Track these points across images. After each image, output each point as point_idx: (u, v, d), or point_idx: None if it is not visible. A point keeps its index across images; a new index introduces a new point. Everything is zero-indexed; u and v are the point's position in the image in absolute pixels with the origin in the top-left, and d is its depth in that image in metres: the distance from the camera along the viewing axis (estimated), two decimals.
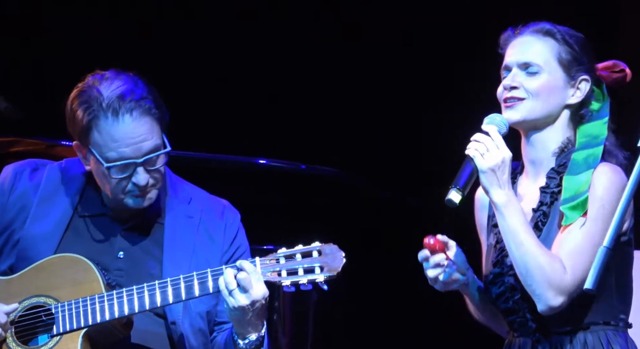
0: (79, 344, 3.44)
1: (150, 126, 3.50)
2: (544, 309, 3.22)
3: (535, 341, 3.32)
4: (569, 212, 3.23)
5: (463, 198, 3.23)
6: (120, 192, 3.51)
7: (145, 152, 3.49)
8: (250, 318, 3.42)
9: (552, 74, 3.32)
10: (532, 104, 3.31)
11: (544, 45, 3.33)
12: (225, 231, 3.64)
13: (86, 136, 3.49)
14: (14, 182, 3.63)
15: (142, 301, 3.42)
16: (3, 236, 3.59)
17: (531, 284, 3.22)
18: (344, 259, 3.43)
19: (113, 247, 3.59)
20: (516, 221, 3.23)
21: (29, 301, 3.51)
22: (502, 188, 3.24)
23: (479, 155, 3.24)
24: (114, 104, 3.48)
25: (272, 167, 5.19)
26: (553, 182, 3.32)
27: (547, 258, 3.20)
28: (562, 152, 3.34)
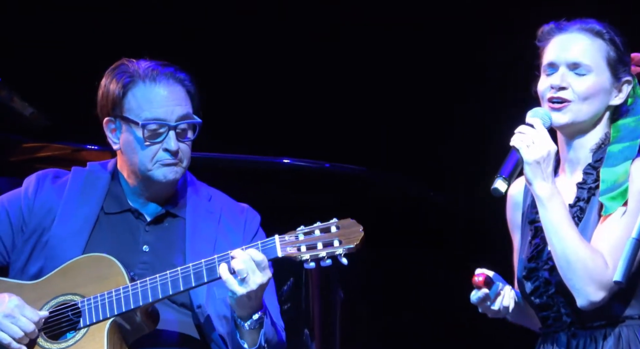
0: (105, 334, 3.46)
1: (184, 95, 3.58)
2: (584, 304, 3.17)
3: (571, 336, 3.27)
4: (608, 203, 3.19)
5: (508, 187, 3.20)
6: (149, 161, 3.56)
7: (178, 117, 3.56)
8: (253, 302, 3.42)
9: (600, 76, 3.27)
10: (579, 107, 3.26)
11: (593, 46, 3.26)
12: (245, 227, 3.67)
13: (120, 103, 3.57)
14: (37, 187, 3.67)
15: (165, 287, 3.44)
16: (32, 239, 3.62)
17: (572, 278, 3.17)
18: (363, 233, 3.39)
19: (138, 242, 3.61)
20: (559, 214, 3.19)
21: (56, 300, 3.54)
22: (546, 181, 3.20)
23: (524, 147, 3.20)
24: (150, 71, 3.58)
25: (296, 167, 5.14)
26: (590, 178, 3.28)
27: (590, 253, 3.15)
28: (599, 148, 3.29)
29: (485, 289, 3.24)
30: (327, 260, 3.40)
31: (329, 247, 3.39)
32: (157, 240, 3.60)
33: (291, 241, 3.41)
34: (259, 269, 3.38)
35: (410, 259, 5.16)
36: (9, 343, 3.46)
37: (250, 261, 3.37)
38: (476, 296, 3.25)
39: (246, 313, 3.44)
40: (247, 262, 3.37)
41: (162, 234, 3.62)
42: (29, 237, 3.61)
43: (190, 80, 3.60)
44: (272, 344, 3.50)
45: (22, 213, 3.63)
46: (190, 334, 3.55)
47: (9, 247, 3.63)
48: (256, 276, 3.38)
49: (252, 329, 3.46)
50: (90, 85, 3.73)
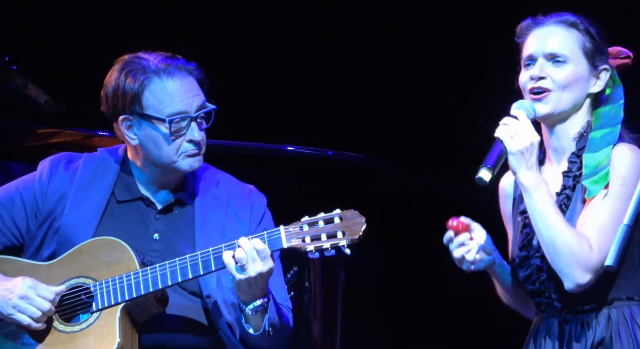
0: (117, 318, 3.47)
1: (197, 85, 3.59)
2: (572, 287, 3.20)
3: (562, 321, 3.30)
4: (591, 186, 3.21)
5: (493, 177, 3.22)
6: (175, 154, 3.56)
7: (197, 108, 3.57)
8: (254, 289, 3.44)
9: (577, 65, 3.30)
10: (559, 95, 3.29)
11: (569, 36, 3.30)
12: (251, 212, 3.68)
13: (138, 101, 3.55)
14: (51, 173, 3.66)
15: (175, 274, 3.46)
16: (45, 225, 3.62)
17: (559, 263, 3.19)
18: (365, 224, 3.41)
19: (148, 229, 3.62)
20: (544, 202, 3.21)
21: (70, 282, 3.56)
22: (530, 170, 3.23)
23: (508, 137, 3.23)
24: (164, 66, 3.56)
25: (300, 154, 5.16)
26: (575, 166, 3.30)
27: (575, 238, 3.18)
28: (582, 136, 3.32)
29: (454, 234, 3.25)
30: (331, 250, 3.43)
31: (333, 238, 3.42)
32: (168, 228, 3.62)
33: (296, 232, 3.44)
34: (259, 258, 3.40)
35: (410, 245, 5.18)
36: (29, 323, 3.48)
37: (252, 250, 3.40)
38: (446, 238, 3.28)
39: (248, 299, 3.46)
40: (249, 251, 3.40)
41: (172, 222, 3.63)
42: (42, 223, 3.62)
43: (198, 68, 3.60)
44: (277, 329, 3.52)
45: (36, 199, 3.63)
46: (199, 320, 3.57)
47: (23, 231, 3.64)
48: (256, 264, 3.40)
49: (255, 314, 3.48)
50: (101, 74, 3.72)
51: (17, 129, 4.95)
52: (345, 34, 5.79)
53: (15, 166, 4.82)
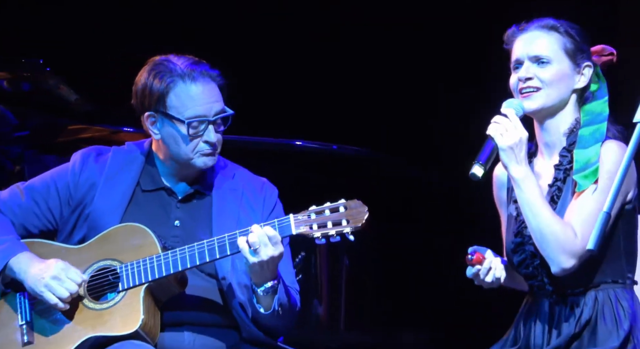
0: (141, 297, 3.52)
1: (217, 91, 3.63)
2: (557, 271, 3.25)
3: (553, 302, 3.34)
4: (581, 181, 3.25)
5: (485, 172, 3.26)
6: (191, 152, 3.60)
7: (215, 113, 3.61)
8: (266, 271, 3.47)
9: (560, 64, 3.33)
10: (547, 92, 3.32)
11: (550, 39, 3.34)
12: (264, 203, 3.73)
13: (163, 101, 3.60)
14: (82, 164, 3.71)
15: (193, 257, 3.50)
16: (76, 211, 3.68)
17: (546, 249, 3.24)
18: (367, 213, 3.44)
19: (170, 217, 3.67)
20: (533, 193, 3.25)
21: (97, 264, 3.61)
22: (519, 164, 3.26)
23: (498, 135, 3.27)
24: (190, 71, 3.60)
25: (307, 148, 5.17)
26: (565, 160, 3.34)
27: (560, 226, 3.23)
28: (572, 132, 3.35)
29: (478, 266, 3.30)
30: (336, 237, 3.46)
31: (338, 226, 3.45)
32: (187, 216, 3.67)
33: (304, 220, 3.47)
34: (271, 243, 3.45)
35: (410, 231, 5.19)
36: (55, 303, 3.54)
37: (264, 236, 3.44)
38: (471, 273, 3.32)
39: (260, 281, 3.51)
40: (261, 236, 3.45)
41: (192, 210, 3.67)
42: (74, 210, 3.67)
43: (220, 75, 3.65)
44: (286, 309, 3.56)
45: (69, 188, 3.68)
46: (215, 300, 3.62)
47: (57, 217, 3.69)
48: (268, 249, 3.44)
49: (266, 295, 3.52)
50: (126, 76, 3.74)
51: (49, 126, 4.97)
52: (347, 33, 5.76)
53: (48, 159, 4.84)
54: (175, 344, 3.57)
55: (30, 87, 4.91)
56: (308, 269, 4.92)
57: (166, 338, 3.56)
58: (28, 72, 4.89)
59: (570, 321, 3.27)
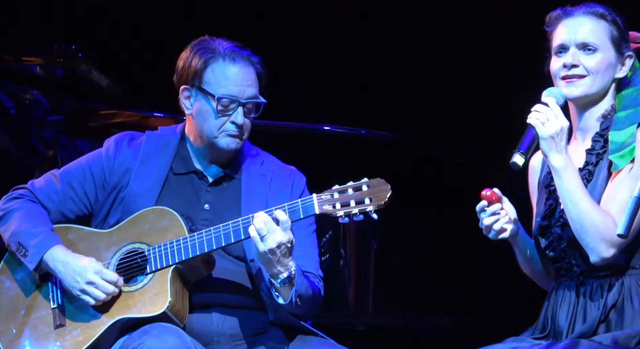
0: (169, 279, 3.50)
1: (254, 77, 3.62)
2: (597, 261, 3.20)
3: (579, 284, 3.30)
4: (617, 160, 3.20)
5: (526, 161, 3.20)
6: (217, 130, 3.59)
7: (248, 96, 3.59)
8: (279, 259, 3.42)
9: (606, 53, 3.28)
10: (592, 80, 3.28)
11: (598, 26, 3.28)
12: (292, 189, 3.70)
13: (200, 75, 3.60)
14: (116, 149, 3.71)
15: (219, 239, 3.48)
16: (112, 195, 3.67)
17: (585, 238, 3.19)
18: (390, 191, 3.39)
19: (200, 200, 3.65)
20: (573, 182, 3.20)
21: (126, 247, 3.59)
22: (560, 153, 3.21)
23: (539, 123, 3.20)
24: (231, 52, 3.60)
25: (335, 133, 5.10)
26: (598, 144, 3.30)
27: (600, 215, 3.18)
28: (606, 118, 3.31)
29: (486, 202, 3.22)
30: (359, 215, 3.41)
31: (361, 204, 3.39)
32: (217, 200, 3.64)
33: (327, 199, 3.42)
34: (281, 229, 3.40)
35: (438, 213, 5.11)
36: (93, 304, 3.52)
37: (271, 222, 3.40)
38: (479, 206, 3.27)
39: (274, 271, 3.45)
40: (267, 223, 3.40)
41: (221, 194, 3.65)
42: (110, 193, 3.66)
43: (261, 63, 3.64)
44: (305, 299, 3.51)
45: (104, 172, 3.67)
46: (244, 283, 3.59)
47: (92, 201, 3.68)
48: (276, 234, 3.39)
49: (283, 286, 3.47)
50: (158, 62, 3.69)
51: (82, 110, 4.96)
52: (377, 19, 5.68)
53: (81, 143, 4.85)
54: (203, 326, 3.54)
55: (63, 73, 4.89)
56: (336, 251, 4.87)
57: (195, 319, 3.54)
58: (60, 57, 4.88)
59: (597, 304, 3.22)
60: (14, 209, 3.64)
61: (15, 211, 3.63)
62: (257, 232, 3.39)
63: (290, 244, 3.42)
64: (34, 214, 3.62)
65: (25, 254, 3.55)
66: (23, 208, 3.63)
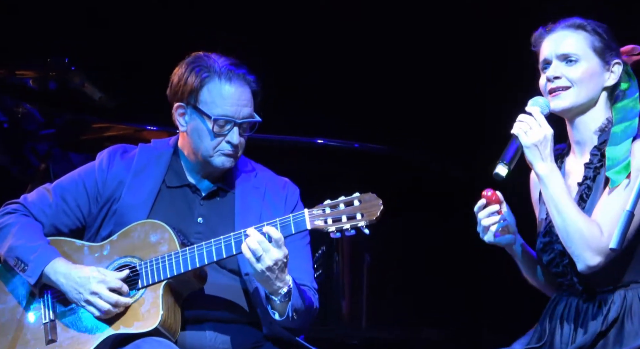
0: (161, 293, 3.48)
1: (250, 96, 3.60)
2: (583, 269, 3.19)
3: (582, 301, 3.28)
4: (614, 176, 3.18)
5: (509, 172, 3.19)
6: (212, 149, 3.58)
7: (244, 116, 3.58)
8: (277, 275, 3.40)
9: (589, 61, 3.27)
10: (577, 90, 3.26)
11: (578, 37, 3.28)
12: (286, 200, 3.68)
13: (196, 94, 3.57)
14: (109, 162, 3.69)
15: (210, 253, 3.46)
16: (105, 208, 3.65)
17: (571, 246, 3.18)
18: (382, 206, 3.37)
19: (193, 214, 3.63)
20: (557, 189, 3.19)
21: (118, 261, 3.57)
22: (544, 161, 3.20)
23: (522, 133, 3.20)
24: (227, 71, 3.57)
25: (329, 146, 5.09)
26: (596, 158, 3.28)
27: (585, 223, 3.17)
28: (603, 131, 3.29)
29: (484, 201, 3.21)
30: (351, 230, 3.39)
31: (353, 220, 3.37)
32: (210, 213, 3.62)
33: (319, 214, 3.40)
34: (275, 246, 3.37)
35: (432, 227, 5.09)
36: (98, 316, 3.49)
37: (264, 241, 3.37)
38: (477, 206, 3.25)
39: (272, 288, 3.44)
40: (261, 242, 3.37)
41: (215, 207, 3.63)
42: (102, 206, 3.64)
43: (256, 82, 3.61)
44: (301, 312, 3.50)
45: (97, 185, 3.65)
46: (237, 297, 3.57)
47: (85, 214, 3.65)
48: (271, 252, 3.38)
49: (281, 302, 3.46)
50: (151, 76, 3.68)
51: (75, 123, 4.95)
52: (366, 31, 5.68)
53: (74, 156, 4.84)
54: (196, 341, 3.52)
55: (56, 86, 4.88)
56: (329, 265, 4.85)
57: (187, 335, 3.51)
58: (54, 71, 4.87)
59: (598, 319, 3.20)
60: (9, 224, 3.62)
61: (11, 226, 3.61)
62: (252, 253, 3.36)
63: (285, 259, 3.39)
64: (29, 229, 3.60)
65: (24, 269, 3.53)
66: (18, 223, 3.61)
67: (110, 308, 3.46)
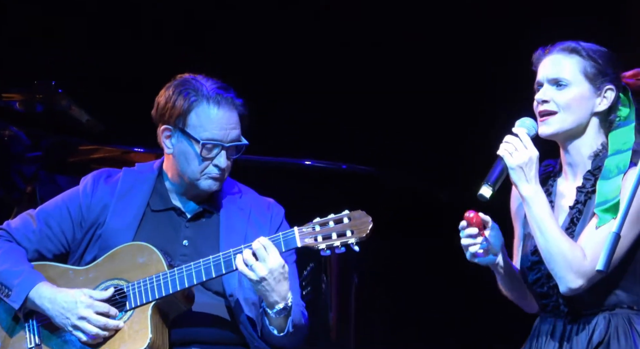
0: (149, 315, 3.47)
1: (238, 120, 3.59)
2: (565, 291, 3.18)
3: (566, 323, 3.26)
4: (602, 214, 3.17)
5: (493, 193, 3.19)
6: (199, 173, 3.56)
7: (231, 140, 3.57)
8: (274, 287, 3.40)
9: (579, 87, 3.26)
10: (563, 116, 3.25)
11: (570, 62, 3.26)
12: (271, 220, 3.67)
13: (184, 117, 3.56)
14: (94, 186, 3.68)
15: (199, 274, 3.45)
16: (89, 233, 3.64)
17: (553, 267, 3.17)
18: (372, 223, 3.39)
19: (179, 236, 3.63)
20: (541, 211, 3.18)
21: (105, 284, 3.56)
22: (529, 182, 3.19)
23: (507, 154, 3.20)
24: (216, 94, 3.56)
25: (316, 168, 5.10)
26: (589, 183, 3.27)
27: (568, 245, 3.16)
28: (597, 156, 3.27)
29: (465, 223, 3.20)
30: (341, 248, 3.41)
31: (343, 237, 3.39)
32: (196, 235, 3.62)
33: (309, 232, 3.41)
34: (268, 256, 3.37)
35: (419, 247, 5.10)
36: (85, 341, 3.48)
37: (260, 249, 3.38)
38: (460, 225, 3.23)
39: (271, 301, 3.44)
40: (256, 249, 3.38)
41: (200, 229, 3.63)
42: (87, 231, 3.63)
43: (243, 105, 3.60)
44: (298, 328, 3.50)
45: (81, 210, 3.64)
46: (223, 317, 3.55)
47: (70, 240, 3.64)
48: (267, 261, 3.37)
49: (278, 316, 3.46)
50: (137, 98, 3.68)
51: (62, 146, 4.94)
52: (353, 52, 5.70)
53: (60, 179, 4.83)
54: None
55: (43, 109, 4.87)
56: (317, 284, 4.84)
57: None
58: (40, 93, 4.87)
59: (583, 341, 3.19)
60: None
61: None
62: (244, 263, 3.37)
63: (282, 270, 3.39)
64: (13, 254, 3.58)
65: (8, 294, 3.51)
66: (1, 248, 3.58)
67: (99, 331, 3.45)
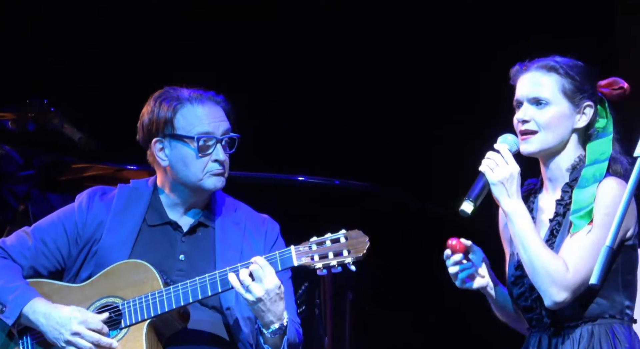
0: (144, 333, 3.46)
1: (223, 113, 3.62)
2: (550, 304, 3.19)
3: (551, 335, 3.27)
4: (577, 221, 3.20)
5: (475, 209, 3.21)
6: (201, 172, 3.56)
7: (223, 131, 3.59)
8: (270, 307, 3.40)
9: (558, 106, 3.26)
10: (544, 135, 3.27)
11: (548, 80, 3.27)
12: (266, 236, 3.67)
13: (170, 124, 3.58)
14: (89, 203, 3.67)
15: (195, 292, 3.45)
16: (85, 250, 3.63)
17: (537, 281, 3.19)
18: (368, 243, 3.40)
19: (175, 251, 3.62)
20: (523, 226, 3.20)
21: (100, 302, 3.55)
22: (510, 198, 3.22)
23: (489, 170, 3.23)
24: (195, 95, 3.60)
25: (309, 183, 5.11)
26: (567, 195, 3.28)
27: (550, 258, 3.17)
28: (575, 168, 3.29)
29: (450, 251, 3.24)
30: (337, 267, 3.41)
31: (339, 256, 3.40)
32: (192, 249, 3.61)
33: (305, 251, 3.41)
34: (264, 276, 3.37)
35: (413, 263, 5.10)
36: None
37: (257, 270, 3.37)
38: (445, 254, 3.26)
39: (266, 321, 3.43)
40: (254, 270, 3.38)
41: (196, 243, 3.62)
42: (82, 248, 3.62)
43: (226, 101, 3.64)
44: (293, 346, 3.50)
45: (77, 227, 3.63)
46: (220, 334, 3.54)
47: (65, 257, 3.63)
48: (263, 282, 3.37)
49: (274, 336, 3.45)
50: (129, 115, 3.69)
51: (54, 164, 4.93)
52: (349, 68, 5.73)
53: (53, 197, 4.82)
54: None
55: (35, 127, 4.88)
56: (312, 302, 4.84)
57: None
58: (33, 112, 4.88)
59: None
60: None
61: None
62: (240, 283, 3.36)
63: (278, 290, 3.38)
64: (8, 270, 3.57)
65: (2, 310, 3.50)
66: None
67: (92, 347, 3.44)
